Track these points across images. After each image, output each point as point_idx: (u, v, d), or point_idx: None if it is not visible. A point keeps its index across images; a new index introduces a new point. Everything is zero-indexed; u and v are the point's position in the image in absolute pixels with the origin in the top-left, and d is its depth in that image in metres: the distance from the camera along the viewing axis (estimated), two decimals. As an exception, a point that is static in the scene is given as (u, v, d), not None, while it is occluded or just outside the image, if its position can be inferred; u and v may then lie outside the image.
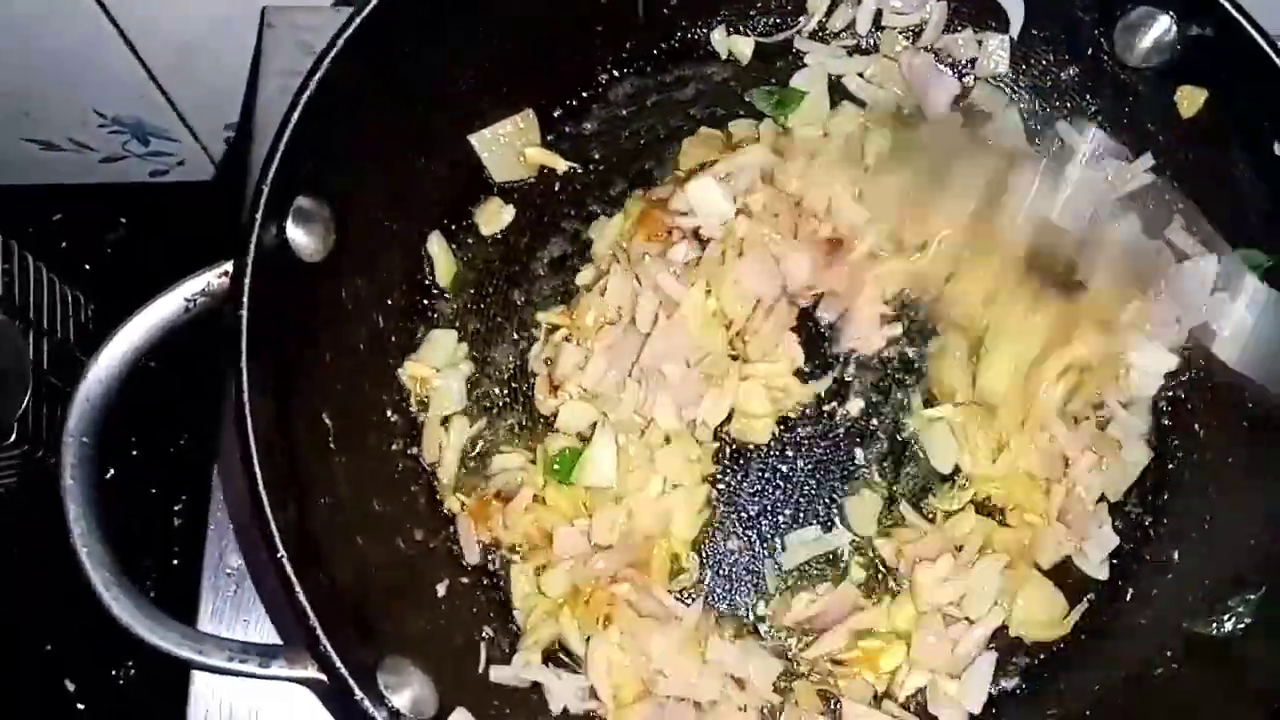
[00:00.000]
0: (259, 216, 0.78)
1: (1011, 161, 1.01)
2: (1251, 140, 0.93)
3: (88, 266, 1.73)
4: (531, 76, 1.03)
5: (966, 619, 0.93)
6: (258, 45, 1.17)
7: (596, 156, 1.06)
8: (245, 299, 0.77)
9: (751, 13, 1.08)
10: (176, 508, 1.62)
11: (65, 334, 1.54)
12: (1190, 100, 0.97)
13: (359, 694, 0.72)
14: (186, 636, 0.77)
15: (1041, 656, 0.96)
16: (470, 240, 1.03)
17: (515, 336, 1.01)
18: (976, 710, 0.92)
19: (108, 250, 1.75)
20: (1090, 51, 1.02)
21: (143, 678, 1.57)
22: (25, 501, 1.57)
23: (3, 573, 1.60)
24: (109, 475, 1.63)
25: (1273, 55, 0.89)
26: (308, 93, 0.82)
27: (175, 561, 1.56)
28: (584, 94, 1.06)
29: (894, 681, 0.92)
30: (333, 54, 0.83)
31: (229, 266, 0.80)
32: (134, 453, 1.64)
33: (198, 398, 1.18)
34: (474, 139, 1.02)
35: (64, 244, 1.73)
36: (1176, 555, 0.97)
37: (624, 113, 1.07)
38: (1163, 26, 0.96)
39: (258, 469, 0.75)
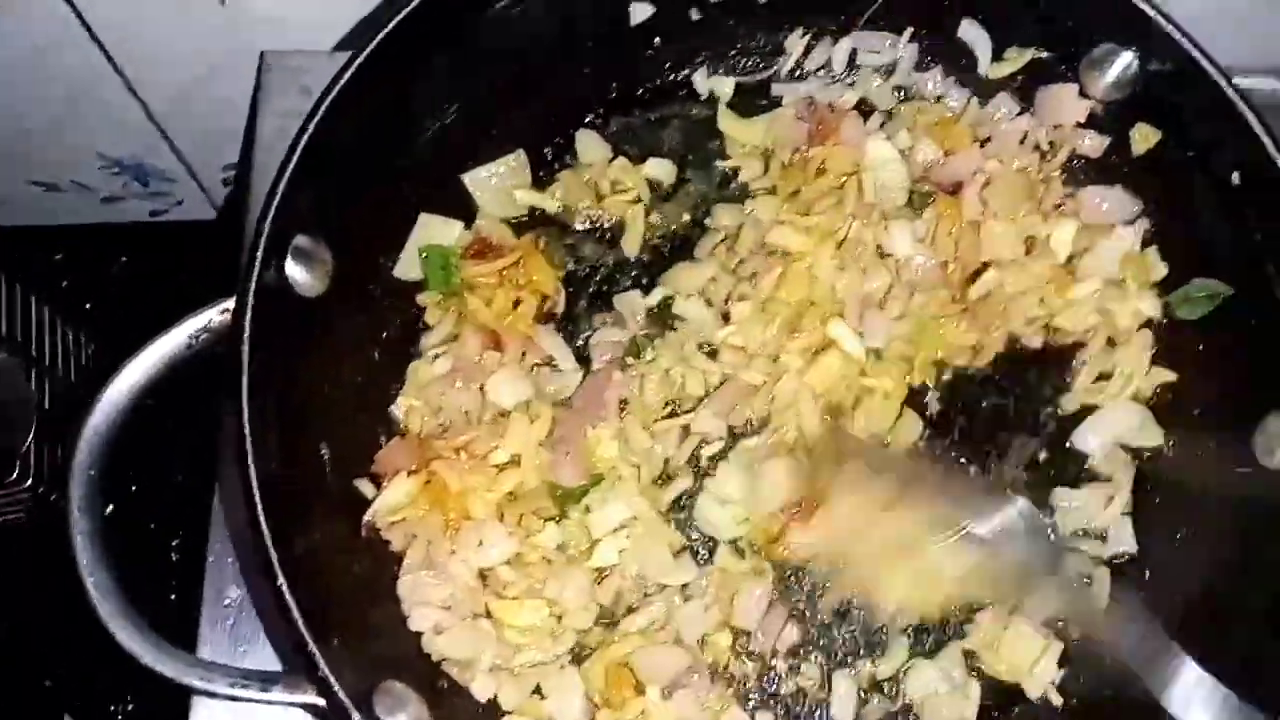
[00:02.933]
0: (259, 255, 0.82)
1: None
2: (1209, 170, 0.97)
3: (89, 305, 1.76)
4: (521, 118, 1.07)
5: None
6: (256, 87, 1.21)
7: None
8: (246, 335, 0.80)
9: (731, 54, 1.12)
10: (174, 543, 1.65)
11: (66, 372, 1.57)
12: (1144, 138, 1.02)
13: (356, 717, 0.75)
14: (190, 664, 0.79)
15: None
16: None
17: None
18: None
19: (108, 289, 1.78)
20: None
21: (141, 712, 1.58)
22: (27, 538, 1.59)
23: (5, 608, 1.61)
24: (109, 511, 1.65)
25: (1229, 90, 0.92)
26: (306, 135, 0.86)
27: (173, 596, 1.57)
28: (571, 133, 1.10)
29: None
30: (330, 97, 0.87)
31: (230, 304, 0.83)
32: (133, 488, 1.66)
33: (195, 434, 1.21)
34: (466, 178, 1.05)
35: (65, 283, 1.76)
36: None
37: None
38: (1125, 62, 1.00)
39: (258, 501, 0.78)
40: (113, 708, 1.56)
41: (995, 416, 1.04)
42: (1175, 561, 0.98)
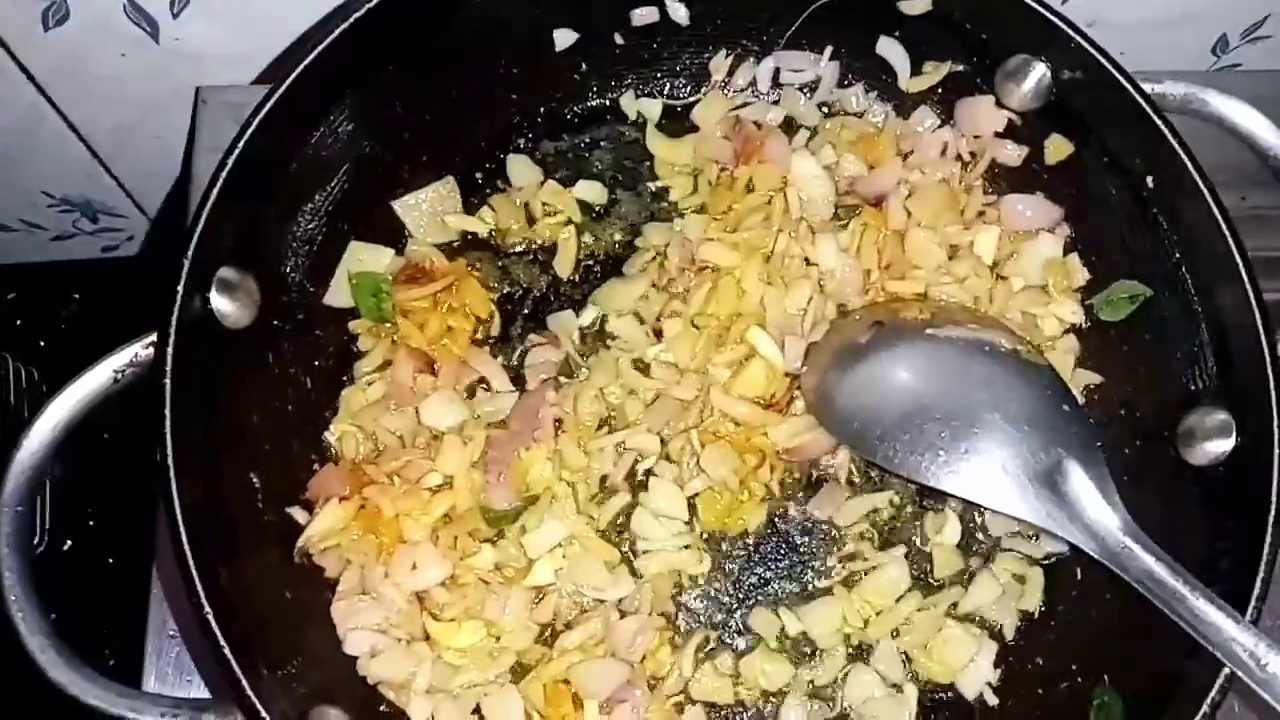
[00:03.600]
0: (180, 288, 0.83)
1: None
2: (1124, 175, 0.99)
3: (42, 343, 1.77)
4: (450, 144, 1.08)
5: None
6: (192, 122, 1.22)
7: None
8: (169, 368, 0.81)
9: (658, 76, 1.14)
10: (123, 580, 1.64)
11: (20, 408, 1.57)
12: (1057, 149, 1.04)
13: (285, 742, 0.76)
14: (121, 694, 0.80)
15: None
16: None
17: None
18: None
19: (61, 326, 1.78)
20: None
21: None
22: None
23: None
24: (67, 547, 1.65)
25: (1137, 95, 0.95)
26: (227, 169, 0.87)
27: (123, 631, 1.57)
28: (502, 158, 1.11)
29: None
30: (250, 131, 0.88)
31: (154, 336, 0.84)
32: (90, 524, 1.66)
33: (139, 469, 1.22)
34: (396, 205, 1.07)
35: (18, 322, 1.77)
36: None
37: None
38: (1038, 73, 1.02)
39: (183, 532, 0.78)
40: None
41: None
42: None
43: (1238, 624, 0.79)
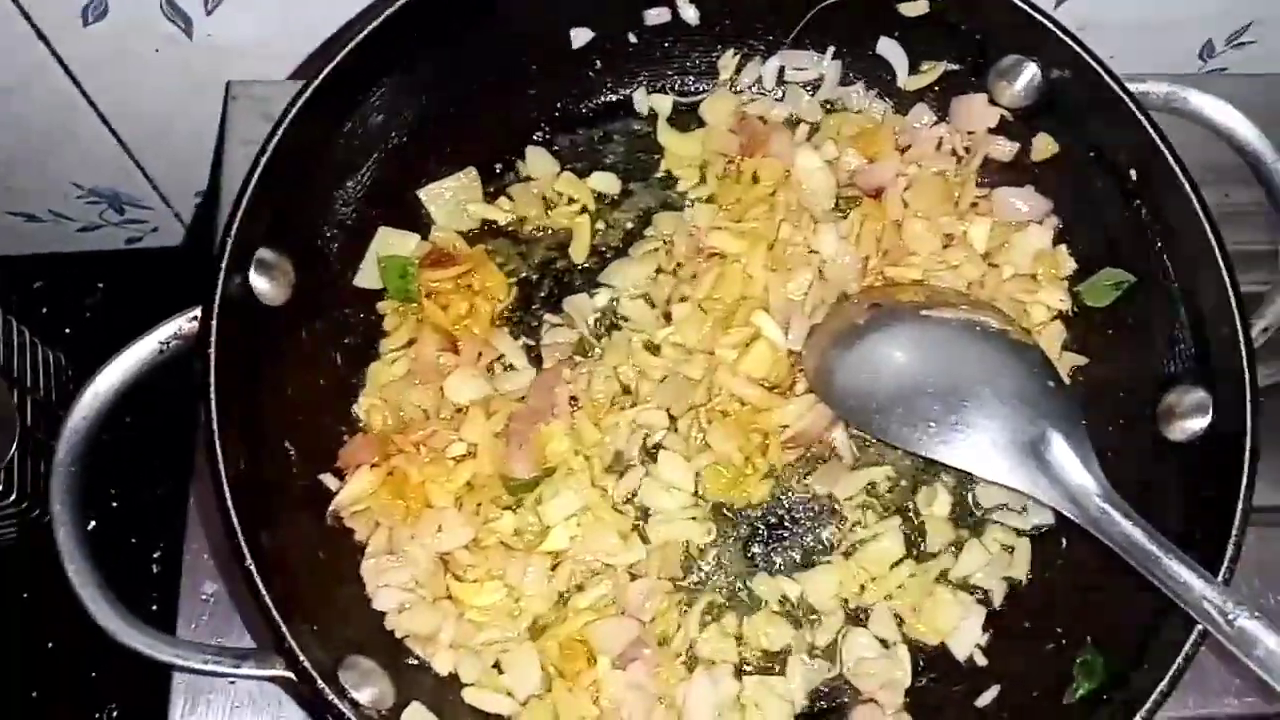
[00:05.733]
0: (224, 266, 0.89)
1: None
2: (1109, 168, 1.05)
3: (68, 330, 1.83)
4: (472, 136, 1.14)
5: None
6: (223, 116, 1.28)
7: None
8: (213, 339, 0.86)
9: (669, 73, 1.20)
10: (155, 555, 1.70)
11: (48, 393, 1.63)
12: (1042, 148, 1.10)
13: (322, 685, 0.81)
14: (167, 642, 0.85)
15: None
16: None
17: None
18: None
19: (86, 314, 1.84)
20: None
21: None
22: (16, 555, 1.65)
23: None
24: (91, 527, 1.71)
25: (1121, 93, 1.00)
26: (265, 155, 0.93)
27: (155, 607, 1.62)
28: (521, 150, 1.17)
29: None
30: (287, 120, 0.94)
31: (198, 311, 0.90)
32: (114, 505, 1.72)
33: (170, 446, 1.28)
34: (421, 194, 1.13)
35: (45, 310, 1.83)
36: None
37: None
38: (1030, 72, 1.08)
39: (229, 495, 0.84)
40: (97, 716, 1.61)
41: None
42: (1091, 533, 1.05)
43: (1208, 583, 0.84)
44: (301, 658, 0.81)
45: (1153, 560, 0.88)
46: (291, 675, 0.82)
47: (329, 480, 1.00)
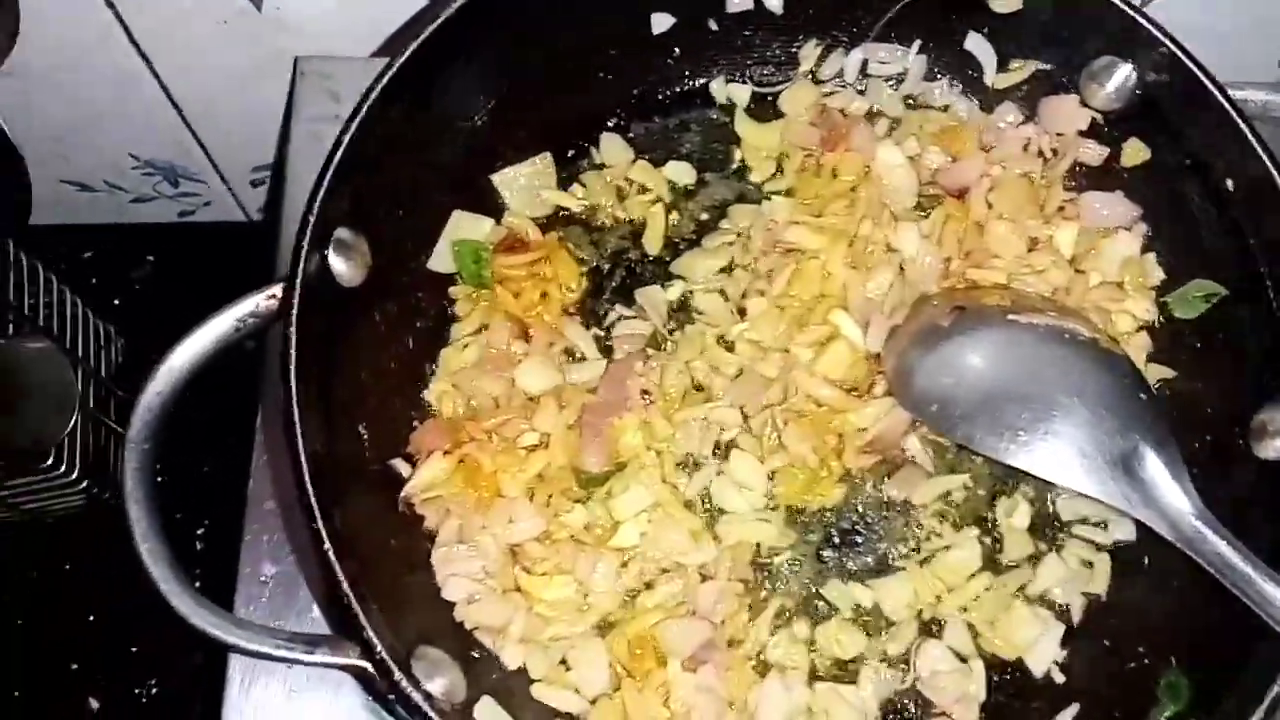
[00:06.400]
0: (305, 244, 0.87)
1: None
2: (1204, 177, 1.02)
3: (117, 302, 1.82)
4: (548, 122, 1.12)
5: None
6: (290, 93, 1.26)
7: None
8: (294, 318, 0.85)
9: (748, 63, 1.17)
10: (199, 531, 1.69)
11: (98, 365, 1.62)
12: (1133, 154, 1.07)
13: (398, 675, 0.79)
14: (239, 626, 0.83)
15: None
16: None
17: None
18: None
19: (135, 287, 1.84)
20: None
21: (165, 696, 1.62)
22: (52, 527, 1.64)
23: (31, 594, 1.66)
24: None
25: (1223, 101, 0.98)
26: (348, 133, 0.91)
27: (198, 584, 1.61)
28: (596, 137, 1.15)
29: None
30: (370, 99, 0.92)
31: (276, 290, 0.88)
32: (160, 479, 1.71)
33: (225, 428, 1.27)
34: (495, 179, 1.11)
35: (94, 280, 1.82)
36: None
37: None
38: (1124, 74, 1.05)
39: (306, 475, 0.82)
40: (137, 690, 1.61)
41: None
42: (1176, 550, 1.02)
43: (1304, 608, 0.82)
44: (378, 646, 0.79)
45: (1247, 581, 0.85)
46: (367, 665, 0.81)
47: (400, 466, 0.98)
